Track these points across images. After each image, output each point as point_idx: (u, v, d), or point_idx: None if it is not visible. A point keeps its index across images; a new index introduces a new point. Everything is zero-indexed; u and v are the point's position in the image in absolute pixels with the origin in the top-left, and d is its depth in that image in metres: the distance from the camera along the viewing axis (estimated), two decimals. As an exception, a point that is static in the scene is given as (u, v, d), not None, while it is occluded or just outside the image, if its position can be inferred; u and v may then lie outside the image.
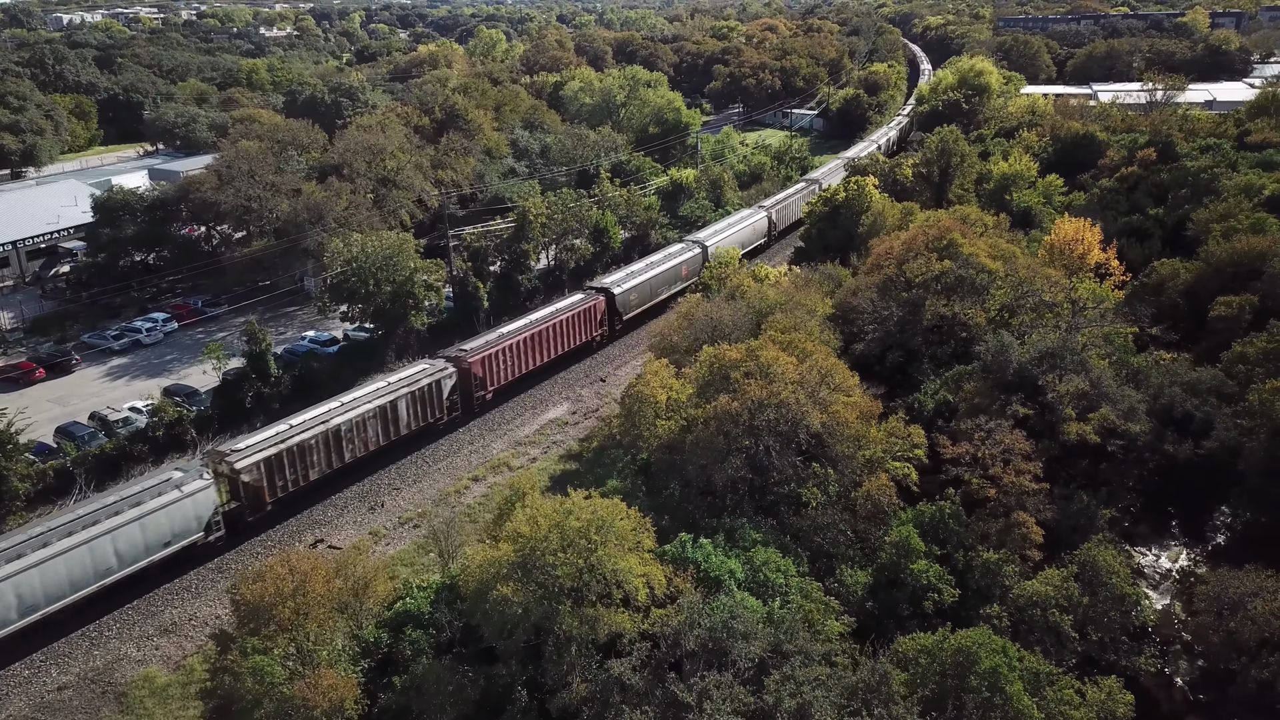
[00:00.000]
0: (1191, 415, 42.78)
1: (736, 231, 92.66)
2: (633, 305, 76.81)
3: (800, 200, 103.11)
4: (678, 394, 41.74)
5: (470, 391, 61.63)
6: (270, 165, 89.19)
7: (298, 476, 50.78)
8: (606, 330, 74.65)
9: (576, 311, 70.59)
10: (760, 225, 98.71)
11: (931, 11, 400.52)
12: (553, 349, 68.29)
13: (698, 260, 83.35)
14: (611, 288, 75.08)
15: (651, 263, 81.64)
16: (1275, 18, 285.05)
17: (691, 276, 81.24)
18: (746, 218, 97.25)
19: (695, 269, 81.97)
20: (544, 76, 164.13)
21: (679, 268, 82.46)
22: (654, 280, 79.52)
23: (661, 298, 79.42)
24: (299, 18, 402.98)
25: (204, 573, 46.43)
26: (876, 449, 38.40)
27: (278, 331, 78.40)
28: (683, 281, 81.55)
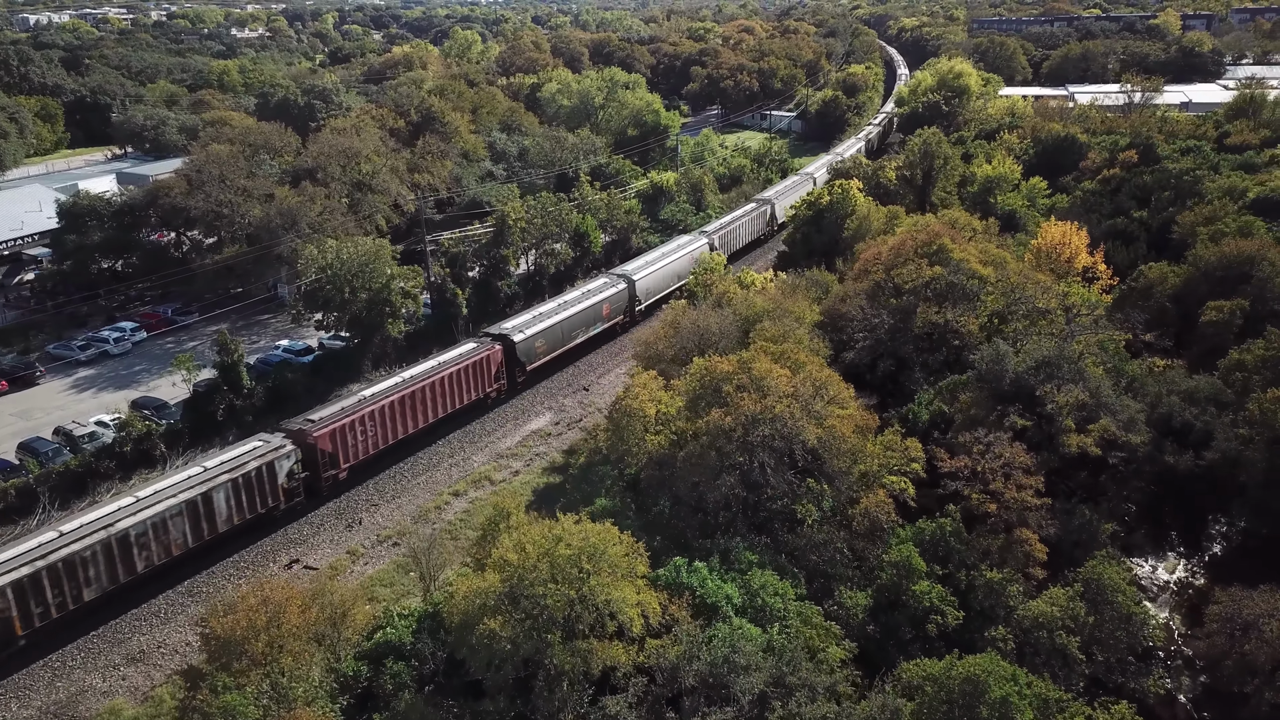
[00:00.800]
0: (1190, 425, 41.94)
1: (672, 262, 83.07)
2: (538, 354, 66.47)
3: (748, 223, 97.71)
4: (667, 407, 40.40)
5: (320, 471, 51.12)
6: (242, 169, 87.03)
7: (63, 599, 39.78)
8: (505, 384, 64.21)
9: (463, 366, 60.24)
10: (699, 254, 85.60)
11: (906, 13, 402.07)
12: (430, 412, 57.74)
13: (623, 297, 75.86)
14: (512, 334, 64.69)
15: (566, 302, 71.30)
16: (1244, 20, 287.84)
17: (615, 315, 75.03)
18: (685, 246, 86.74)
19: (620, 307, 75.54)
20: (520, 78, 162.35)
21: (599, 306, 72.66)
22: (567, 323, 69.07)
23: (577, 341, 70.72)
24: (271, 18, 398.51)
25: (173, 596, 44.51)
26: (873, 463, 37.19)
27: (250, 341, 76.35)
28: (604, 322, 73.66)
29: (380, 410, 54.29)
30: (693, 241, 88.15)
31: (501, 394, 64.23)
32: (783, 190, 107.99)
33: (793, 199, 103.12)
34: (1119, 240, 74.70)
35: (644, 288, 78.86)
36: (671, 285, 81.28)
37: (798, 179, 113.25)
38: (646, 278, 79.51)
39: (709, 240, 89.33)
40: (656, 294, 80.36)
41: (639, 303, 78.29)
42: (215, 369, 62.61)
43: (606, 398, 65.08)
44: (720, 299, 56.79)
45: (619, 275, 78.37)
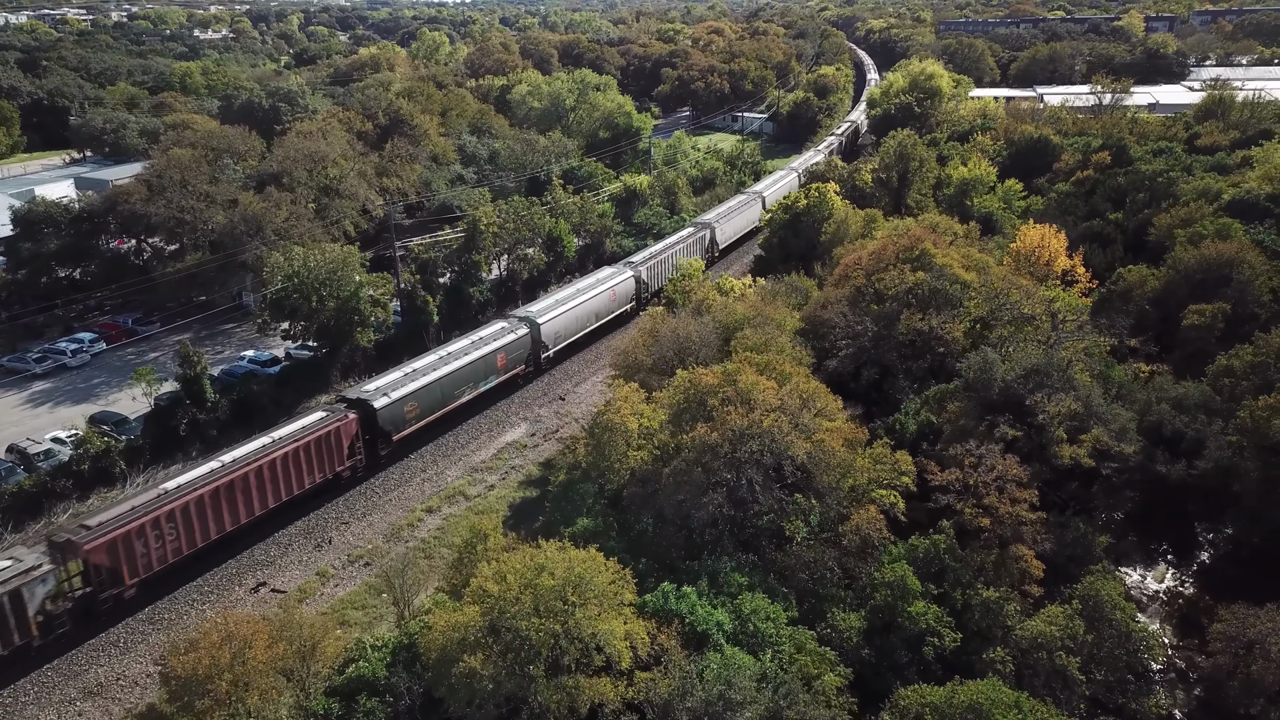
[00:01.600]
0: (1181, 433, 41.25)
1: (587, 300, 73.67)
2: (408, 420, 56.04)
3: (683, 250, 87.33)
4: (649, 421, 39.05)
5: (98, 590, 40.84)
6: (204, 174, 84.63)
7: None
8: (362, 459, 53.59)
9: (305, 443, 49.35)
10: (625, 289, 78.86)
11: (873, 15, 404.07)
12: (256, 503, 46.90)
13: (524, 343, 66.30)
14: (373, 399, 53.92)
15: (449, 354, 61.02)
16: (1206, 22, 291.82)
17: (513, 366, 65.50)
18: (605, 281, 77.31)
19: (519, 355, 66.10)
20: (490, 80, 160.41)
21: (493, 357, 63.05)
22: (449, 380, 59.28)
23: (463, 400, 60.89)
24: (235, 19, 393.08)
25: (133, 624, 42.48)
26: (862, 478, 36.06)
27: (214, 351, 74.11)
28: (499, 375, 63.94)
29: (185, 508, 43.62)
30: (615, 275, 78.83)
31: (359, 471, 53.59)
32: (726, 213, 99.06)
33: (738, 222, 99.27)
34: (1095, 242, 74.35)
35: (552, 332, 68.80)
36: (589, 325, 73.46)
37: (744, 198, 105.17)
38: (555, 320, 69.27)
39: (635, 273, 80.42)
40: (569, 337, 71.20)
41: (546, 349, 68.36)
42: (177, 382, 60.51)
43: (583, 407, 63.77)
44: (699, 306, 55.54)
45: (520, 318, 68.06)
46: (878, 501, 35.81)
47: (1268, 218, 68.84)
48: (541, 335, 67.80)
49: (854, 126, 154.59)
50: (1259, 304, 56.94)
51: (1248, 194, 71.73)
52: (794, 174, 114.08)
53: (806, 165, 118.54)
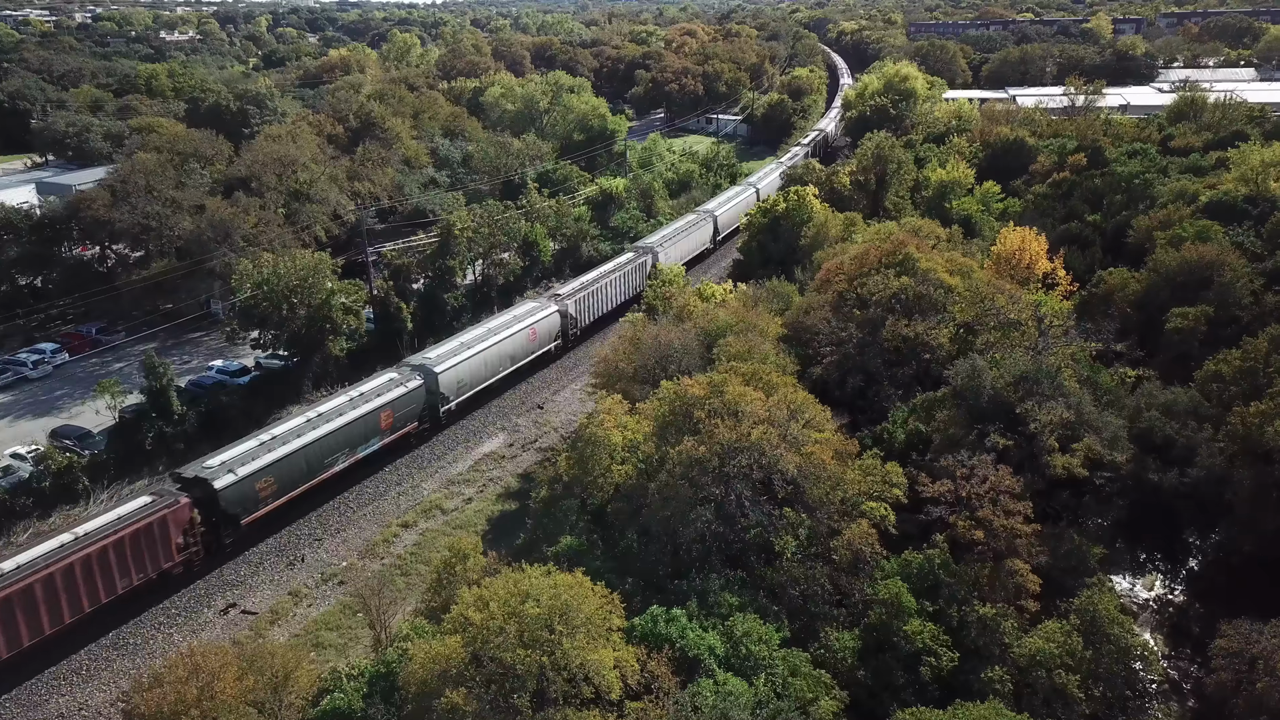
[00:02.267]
0: (1172, 440, 40.69)
1: (502, 341, 64.44)
2: (261, 499, 47.12)
3: (621, 279, 79.65)
4: (634, 434, 37.93)
5: None
6: (170, 179, 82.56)
7: None
8: (199, 550, 45.01)
9: (120, 537, 41.13)
10: (548, 326, 70.16)
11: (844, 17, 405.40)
12: (54, 617, 38.72)
13: (417, 397, 57.38)
14: (213, 478, 45.10)
15: (322, 415, 51.60)
16: (1172, 24, 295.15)
17: (403, 424, 56.49)
18: (523, 319, 68.11)
19: (411, 410, 57.14)
20: (462, 82, 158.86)
21: (376, 415, 54.11)
22: (317, 448, 50.08)
23: (337, 469, 51.79)
24: (202, 21, 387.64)
25: (96, 650, 40.77)
26: (853, 491, 35.12)
27: (182, 361, 72.19)
28: (382, 436, 54.94)
29: None
30: (536, 311, 69.84)
31: (196, 564, 45.15)
32: (672, 235, 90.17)
33: (685, 245, 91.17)
34: (1074, 245, 74.14)
35: (453, 381, 60.15)
36: (502, 370, 65.14)
37: (693, 219, 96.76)
38: (457, 367, 60.39)
39: (560, 308, 71.84)
40: (475, 386, 62.51)
41: (446, 401, 59.64)
42: (143, 394, 58.69)
43: (562, 416, 62.59)
44: (681, 313, 54.51)
45: (415, 367, 59.12)
46: (869, 515, 34.89)
47: (1245, 219, 68.80)
48: (440, 385, 58.70)
49: (829, 129, 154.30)
50: (1240, 306, 56.79)
51: (1225, 196, 71.70)
52: (751, 189, 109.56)
53: (768, 179, 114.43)
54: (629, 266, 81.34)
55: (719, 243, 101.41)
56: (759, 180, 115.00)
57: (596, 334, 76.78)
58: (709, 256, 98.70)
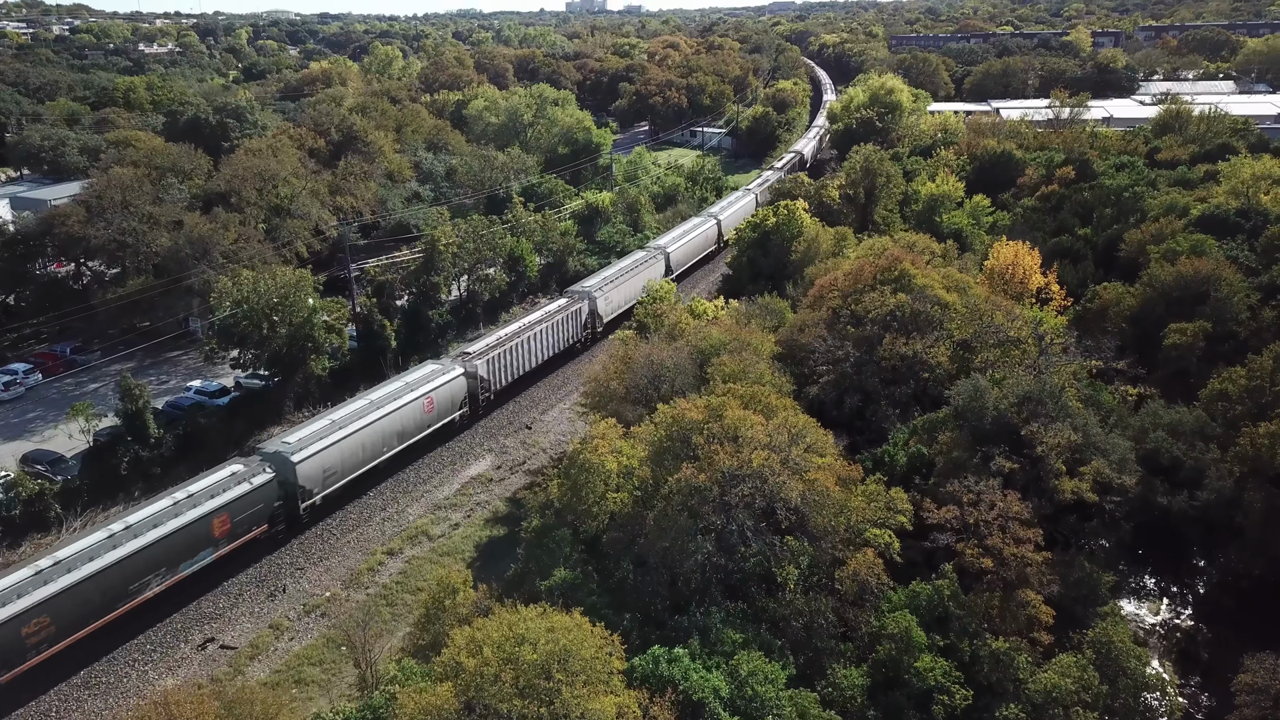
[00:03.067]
0: (1180, 461, 39.77)
1: (387, 415, 54.58)
2: (31, 644, 37.51)
3: (549, 329, 70.54)
4: (629, 459, 36.60)
5: None
6: (148, 194, 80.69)
7: None
8: None
9: None
10: (450, 393, 59.79)
11: (826, 30, 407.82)
12: None
13: (266, 494, 47.33)
14: None
15: (130, 528, 42.03)
16: (1150, 37, 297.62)
17: (243, 531, 46.19)
18: (421, 383, 58.23)
19: (257, 513, 46.80)
20: (445, 95, 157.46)
21: (204, 524, 44.16)
22: (113, 574, 40.41)
23: (145, 596, 41.90)
24: (181, 33, 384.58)
25: (67, 690, 38.93)
26: (857, 518, 33.90)
27: (159, 381, 70.36)
28: (215, 547, 44.96)
29: None
30: (435, 376, 59.58)
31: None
32: (614, 278, 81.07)
33: (628, 289, 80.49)
34: (1066, 259, 73.53)
35: (317, 471, 49.89)
36: (388, 450, 54.88)
37: (640, 257, 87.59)
38: (322, 454, 50.21)
39: (467, 369, 61.98)
40: (351, 473, 52.46)
41: (309, 495, 49.80)
42: (118, 416, 56.89)
43: (551, 436, 61.22)
44: (673, 331, 53.29)
45: (267, 456, 49.14)
46: (874, 543, 33.68)
47: (1238, 233, 68.39)
48: (300, 477, 48.59)
49: (814, 142, 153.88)
50: (1237, 321, 56.20)
51: (1217, 209, 71.28)
52: (712, 221, 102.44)
53: (734, 207, 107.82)
54: (560, 316, 72.52)
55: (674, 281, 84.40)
56: (721, 210, 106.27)
57: (520, 393, 67.95)
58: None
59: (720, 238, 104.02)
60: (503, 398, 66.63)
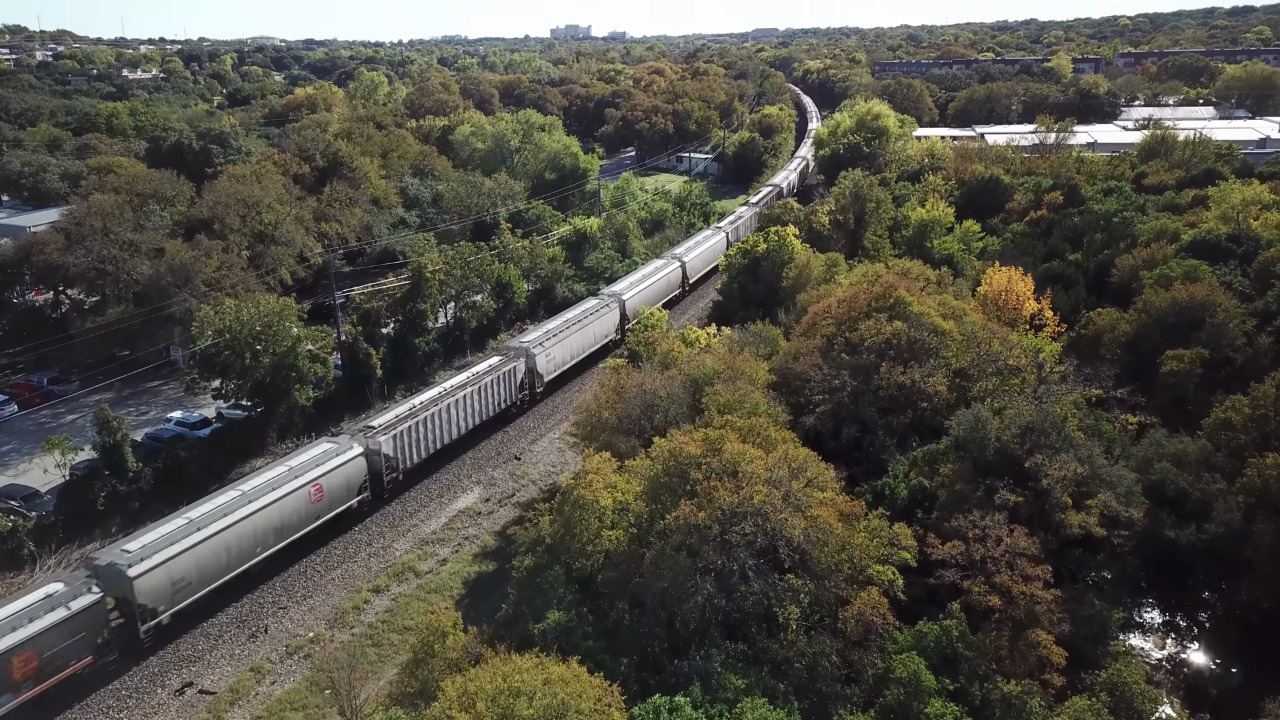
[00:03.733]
0: (1186, 493, 38.94)
1: (263, 509, 46.66)
2: None
3: (477, 392, 62.38)
4: (624, 494, 35.48)
5: None
6: (128, 221, 79.48)
7: None
8: None
9: None
10: (345, 477, 51.75)
11: (809, 56, 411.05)
12: None
13: (91, 621, 39.35)
14: None
15: None
16: (1129, 64, 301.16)
17: (69, 661, 38.43)
18: (308, 467, 50.28)
19: (75, 647, 38.66)
20: (431, 120, 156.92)
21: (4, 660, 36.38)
22: None
23: None
24: (166, 59, 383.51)
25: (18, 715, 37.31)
26: (861, 556, 32.85)
27: (139, 412, 68.81)
28: (20, 690, 36.92)
29: None
30: (329, 458, 51.39)
31: None
32: (561, 330, 72.57)
33: (577, 341, 74.08)
34: (1058, 284, 73.17)
35: (160, 585, 41.86)
36: (261, 551, 46.74)
37: (596, 304, 78.48)
38: (170, 564, 42.20)
39: (369, 447, 53.61)
40: (209, 584, 44.28)
41: (154, 614, 41.80)
42: (95, 449, 55.36)
43: (540, 467, 59.98)
44: (666, 360, 52.34)
45: (97, 570, 41.28)
46: (877, 580, 32.62)
47: (1230, 258, 68.18)
48: (140, 593, 40.85)
49: (800, 167, 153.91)
50: (1234, 348, 55.74)
51: (1209, 234, 71.10)
52: (676, 264, 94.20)
53: (700, 249, 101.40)
54: (490, 378, 64.02)
55: (627, 332, 73.88)
56: (687, 252, 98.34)
57: (438, 469, 59.61)
58: (607, 353, 75.49)
59: (685, 281, 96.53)
60: (421, 473, 58.51)
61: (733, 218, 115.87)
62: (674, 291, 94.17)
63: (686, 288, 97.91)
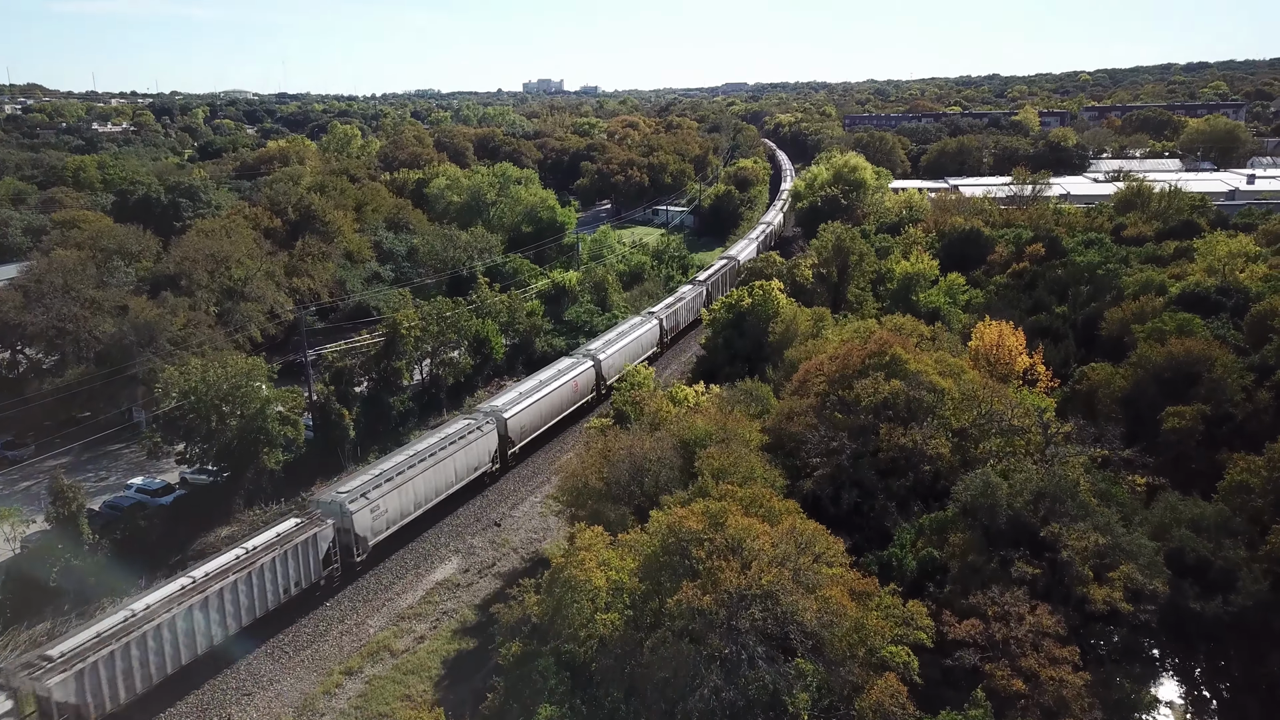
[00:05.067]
0: (1207, 561, 37.05)
1: None
2: None
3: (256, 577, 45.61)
4: (618, 573, 33.01)
5: None
6: (91, 278, 76.73)
7: None
8: None
9: None
10: None
11: (780, 109, 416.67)
12: None
13: None
14: None
15: None
16: (1094, 117, 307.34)
17: None
18: None
19: None
20: (405, 173, 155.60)
21: None
22: None
23: None
24: (137, 113, 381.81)
25: None
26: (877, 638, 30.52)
27: (98, 477, 65.61)
28: None
29: None
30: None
31: None
32: (393, 484, 54.59)
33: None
34: (1047, 338, 72.05)
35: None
36: None
37: (464, 427, 62.22)
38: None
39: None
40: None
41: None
42: (48, 520, 52.14)
43: (521, 534, 57.32)
44: (655, 420, 50.17)
45: None
46: (893, 665, 30.29)
47: (1221, 311, 67.41)
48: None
49: (777, 220, 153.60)
50: (1233, 403, 54.48)
51: (1197, 287, 70.43)
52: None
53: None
54: (281, 554, 46.75)
55: (512, 457, 66.39)
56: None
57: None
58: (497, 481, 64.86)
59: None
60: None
61: (710, 271, 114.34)
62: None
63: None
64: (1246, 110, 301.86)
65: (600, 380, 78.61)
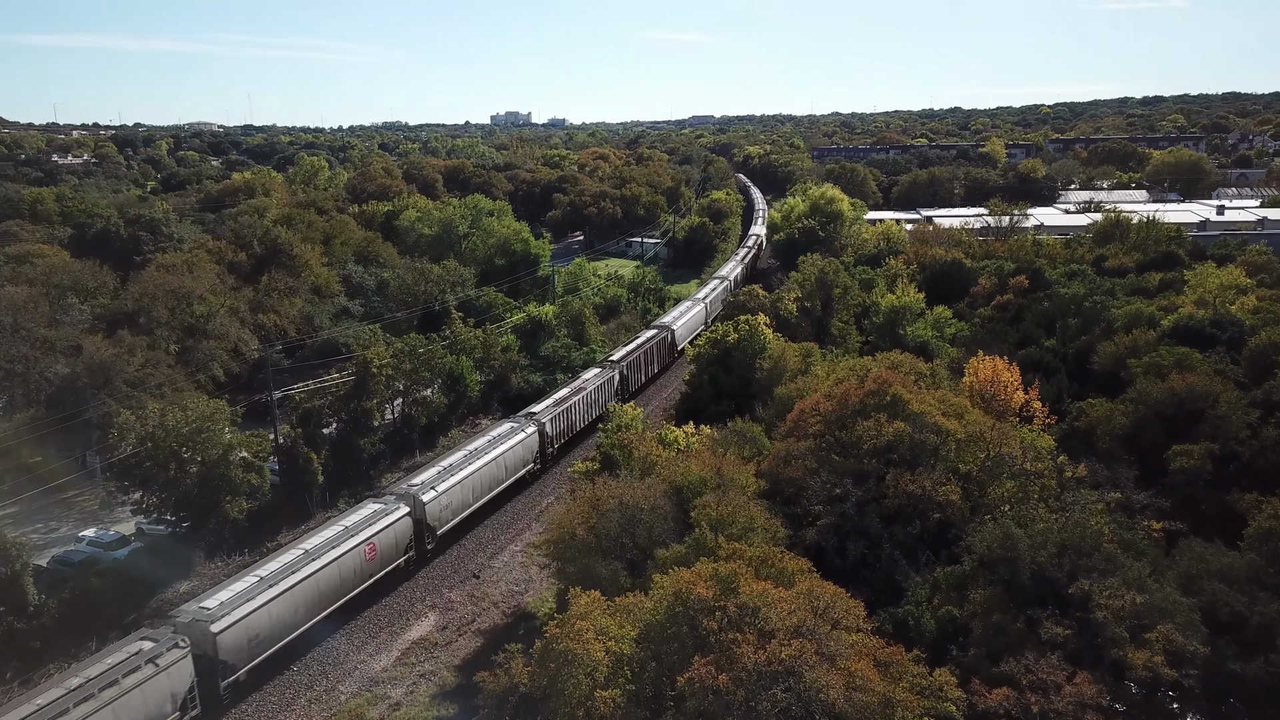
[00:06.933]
0: (1244, 617, 34.81)
1: None
2: None
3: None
4: (618, 642, 30.12)
5: None
6: (43, 316, 72.83)
7: None
8: None
9: None
10: None
11: (748, 142, 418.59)
12: None
13: None
14: None
15: None
16: (1059, 149, 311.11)
17: None
18: None
19: None
20: (374, 205, 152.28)
21: None
22: None
23: None
24: (99, 144, 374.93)
25: None
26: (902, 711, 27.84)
27: (48, 528, 61.48)
28: None
29: None
30: None
31: None
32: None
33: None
34: (1038, 372, 70.32)
35: None
36: None
37: (384, 506, 53.63)
38: None
39: None
40: None
41: None
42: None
43: (502, 587, 54.09)
44: (647, 466, 47.42)
45: None
46: (922, 741, 27.63)
47: (1216, 344, 66.03)
48: None
49: (752, 252, 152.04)
50: (1238, 440, 52.77)
51: (1190, 320, 69.11)
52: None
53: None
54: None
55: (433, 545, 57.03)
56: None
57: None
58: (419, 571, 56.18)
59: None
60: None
61: (680, 310, 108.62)
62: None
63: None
64: (1206, 143, 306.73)
65: (546, 446, 71.17)
